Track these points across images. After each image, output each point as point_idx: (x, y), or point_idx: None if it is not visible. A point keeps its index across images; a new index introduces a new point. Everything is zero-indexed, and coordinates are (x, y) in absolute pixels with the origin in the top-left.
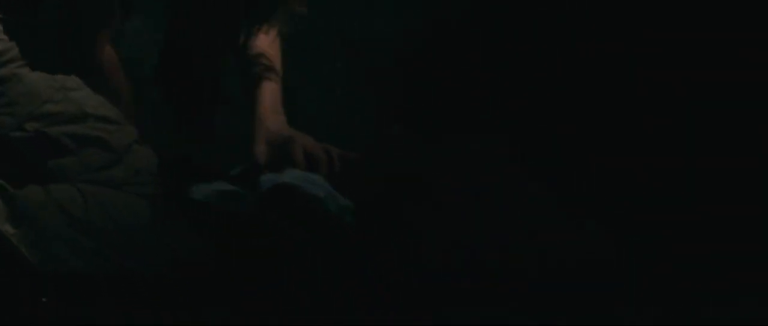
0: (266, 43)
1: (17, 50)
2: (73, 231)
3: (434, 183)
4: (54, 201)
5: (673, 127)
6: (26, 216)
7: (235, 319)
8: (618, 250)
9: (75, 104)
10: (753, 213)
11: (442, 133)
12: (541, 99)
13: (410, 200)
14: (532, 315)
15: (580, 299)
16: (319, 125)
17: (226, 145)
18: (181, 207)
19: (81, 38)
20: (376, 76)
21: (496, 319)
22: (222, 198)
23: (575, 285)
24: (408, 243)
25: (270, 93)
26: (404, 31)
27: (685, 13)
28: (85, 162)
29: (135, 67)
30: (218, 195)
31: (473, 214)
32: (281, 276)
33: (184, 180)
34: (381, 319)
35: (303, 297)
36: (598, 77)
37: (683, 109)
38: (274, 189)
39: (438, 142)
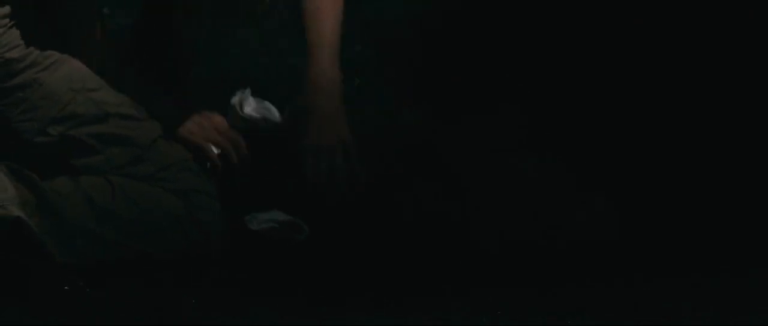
0: None
1: (35, 56)
2: (97, 224)
3: (447, 162)
4: (82, 189)
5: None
6: (54, 209)
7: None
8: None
9: (96, 104)
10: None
11: (457, 115)
12: (553, 77)
13: (423, 179)
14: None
15: (587, 274)
16: None
17: None
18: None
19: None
20: (394, 59)
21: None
22: (280, 228)
23: (583, 261)
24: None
25: None
26: (421, 12)
27: None
28: (111, 159)
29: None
30: (276, 225)
31: (485, 193)
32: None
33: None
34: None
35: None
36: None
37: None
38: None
39: (452, 123)
